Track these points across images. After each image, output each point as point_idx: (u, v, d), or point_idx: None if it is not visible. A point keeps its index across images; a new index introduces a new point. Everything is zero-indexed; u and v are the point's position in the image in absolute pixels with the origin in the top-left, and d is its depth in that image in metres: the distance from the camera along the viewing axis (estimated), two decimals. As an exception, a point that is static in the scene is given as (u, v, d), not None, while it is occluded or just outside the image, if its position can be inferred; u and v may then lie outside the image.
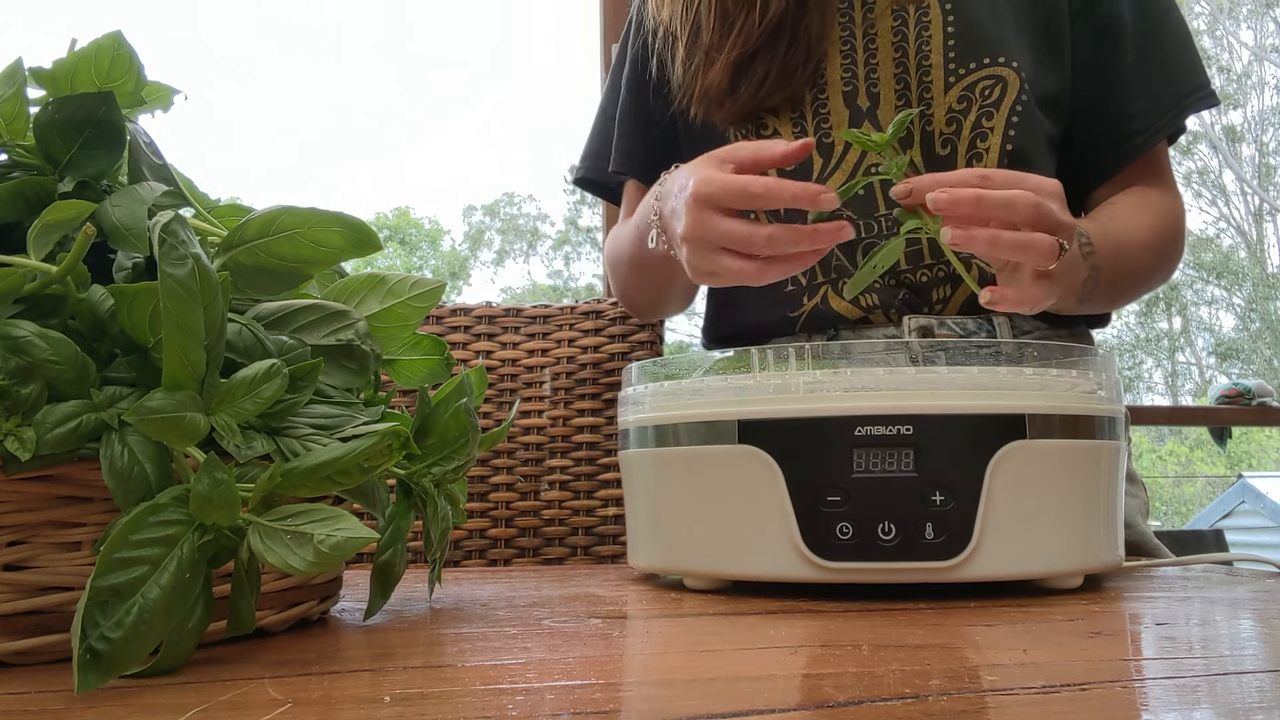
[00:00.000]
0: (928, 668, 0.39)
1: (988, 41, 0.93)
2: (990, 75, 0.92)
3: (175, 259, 0.40)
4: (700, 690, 0.37)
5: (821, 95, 0.95)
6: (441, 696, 0.36)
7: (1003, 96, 0.92)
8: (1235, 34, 15.17)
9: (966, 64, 0.92)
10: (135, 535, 0.38)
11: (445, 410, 0.54)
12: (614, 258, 1.07)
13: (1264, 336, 14.66)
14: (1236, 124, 15.18)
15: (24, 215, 0.46)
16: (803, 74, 0.94)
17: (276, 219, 0.48)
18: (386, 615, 0.56)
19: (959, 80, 0.92)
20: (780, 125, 0.97)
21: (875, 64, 0.95)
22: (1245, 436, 13.99)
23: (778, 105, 0.95)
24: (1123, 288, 0.93)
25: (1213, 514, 8.56)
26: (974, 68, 0.92)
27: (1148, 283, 0.97)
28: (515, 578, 0.77)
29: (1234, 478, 9.21)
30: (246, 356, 0.46)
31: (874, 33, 0.95)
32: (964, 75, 0.92)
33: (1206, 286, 15.30)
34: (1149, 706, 0.35)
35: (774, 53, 0.93)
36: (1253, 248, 15.37)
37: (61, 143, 0.48)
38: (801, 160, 0.76)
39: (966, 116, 0.92)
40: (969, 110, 0.92)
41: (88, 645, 0.36)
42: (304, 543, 0.40)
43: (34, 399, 0.41)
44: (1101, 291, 0.87)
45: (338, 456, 0.43)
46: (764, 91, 0.94)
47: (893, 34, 0.94)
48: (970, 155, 0.92)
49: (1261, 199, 15.24)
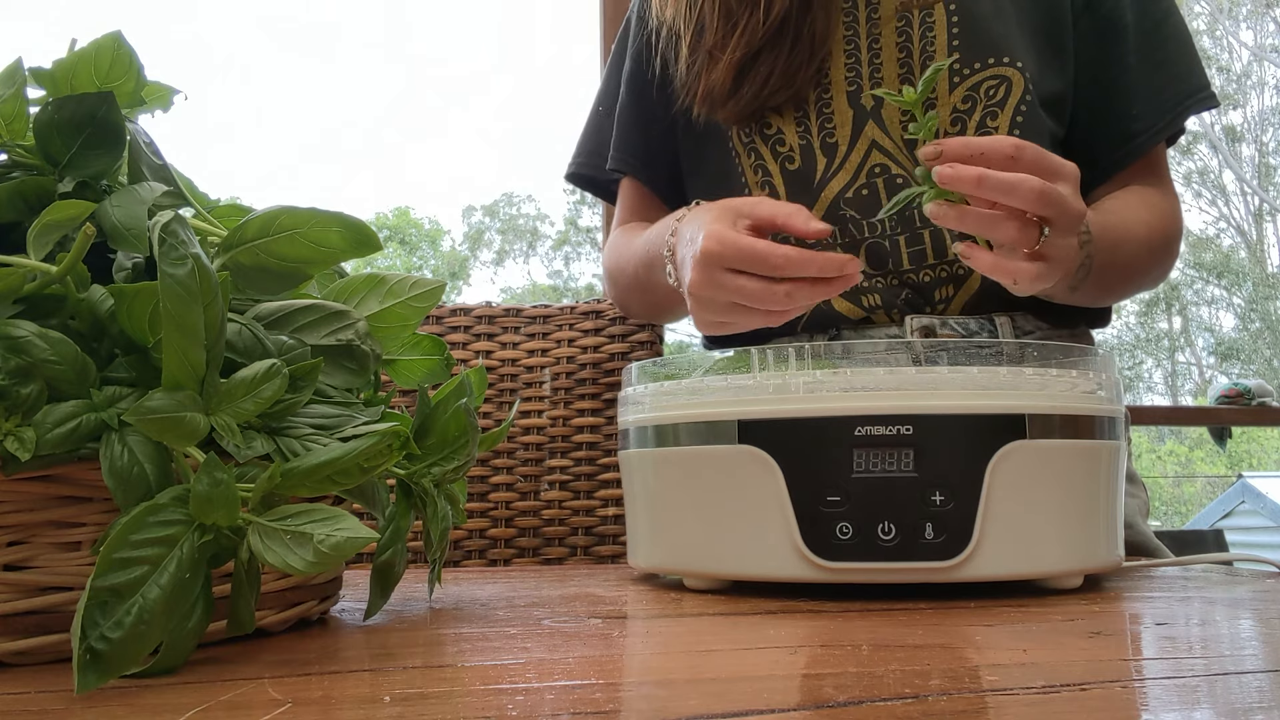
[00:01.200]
0: (928, 668, 0.39)
1: (992, 42, 0.93)
2: (995, 75, 0.92)
3: (175, 259, 0.40)
4: (700, 690, 0.37)
5: (825, 95, 0.96)
6: (441, 696, 0.36)
7: (1007, 96, 0.92)
8: (1235, 34, 15.17)
9: (971, 64, 0.92)
10: (135, 535, 0.38)
11: (445, 410, 0.54)
12: (615, 269, 1.06)
13: (1264, 336, 14.66)
14: (1236, 124, 15.18)
15: (24, 215, 0.46)
16: (806, 73, 0.94)
17: (276, 219, 0.48)
18: (386, 615, 0.56)
19: (964, 80, 0.92)
20: (784, 124, 0.97)
21: (879, 63, 0.95)
22: (1245, 436, 14.00)
23: (781, 104, 0.95)
24: (1116, 281, 0.93)
25: (1213, 514, 8.56)
26: (979, 68, 0.92)
27: (1142, 279, 0.97)
28: (515, 578, 0.77)
29: (1234, 478, 9.22)
30: (246, 356, 0.46)
31: (878, 32, 0.95)
32: (969, 76, 0.92)
33: (1206, 286, 15.31)
34: (1149, 706, 0.35)
35: (778, 52, 0.93)
36: (1253, 247, 15.38)
37: (61, 143, 0.48)
38: (819, 239, 0.76)
39: (971, 116, 0.92)
40: (974, 110, 0.92)
41: (88, 645, 0.36)
42: (304, 543, 0.40)
43: (34, 399, 0.41)
44: (1093, 282, 0.87)
45: (338, 456, 0.43)
46: (768, 91, 0.94)
47: (897, 34, 0.94)
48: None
49: (1261, 199, 15.24)
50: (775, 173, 0.97)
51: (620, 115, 1.09)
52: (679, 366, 0.67)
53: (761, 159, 0.98)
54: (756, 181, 0.98)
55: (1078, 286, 0.86)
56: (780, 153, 0.97)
